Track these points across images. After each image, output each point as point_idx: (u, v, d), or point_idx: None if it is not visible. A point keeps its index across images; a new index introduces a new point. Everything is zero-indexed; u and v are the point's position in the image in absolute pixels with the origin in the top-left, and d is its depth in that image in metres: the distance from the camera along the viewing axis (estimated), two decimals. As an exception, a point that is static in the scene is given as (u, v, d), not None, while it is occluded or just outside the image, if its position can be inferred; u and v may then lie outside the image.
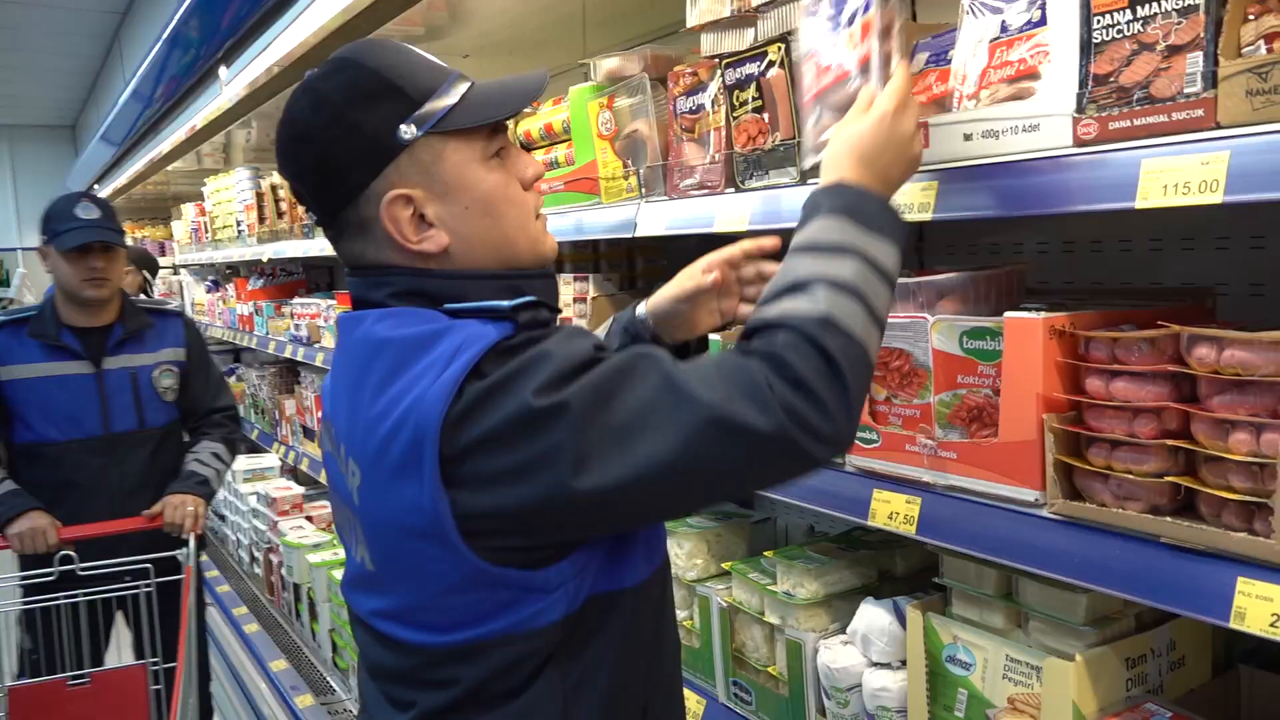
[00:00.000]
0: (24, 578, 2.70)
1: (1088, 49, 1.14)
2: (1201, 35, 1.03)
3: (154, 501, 2.92)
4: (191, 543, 2.79)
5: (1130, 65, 1.09)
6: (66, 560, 2.61)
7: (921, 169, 1.33)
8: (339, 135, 1.11)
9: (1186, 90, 1.04)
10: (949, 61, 1.35)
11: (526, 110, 2.30)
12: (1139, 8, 1.09)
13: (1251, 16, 1.02)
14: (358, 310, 1.19)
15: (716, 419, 0.96)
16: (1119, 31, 1.11)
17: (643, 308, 1.44)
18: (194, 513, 2.88)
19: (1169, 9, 1.07)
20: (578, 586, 1.10)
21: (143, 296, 4.70)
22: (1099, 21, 1.13)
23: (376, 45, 1.17)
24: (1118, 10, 1.11)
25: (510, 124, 1.55)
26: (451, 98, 1.14)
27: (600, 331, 1.49)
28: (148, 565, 2.73)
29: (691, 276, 1.39)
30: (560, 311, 1.08)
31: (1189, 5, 1.05)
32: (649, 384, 1.00)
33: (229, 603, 4.70)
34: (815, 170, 1.33)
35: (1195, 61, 1.04)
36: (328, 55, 1.19)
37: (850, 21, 1.27)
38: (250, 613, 4.52)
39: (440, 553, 1.05)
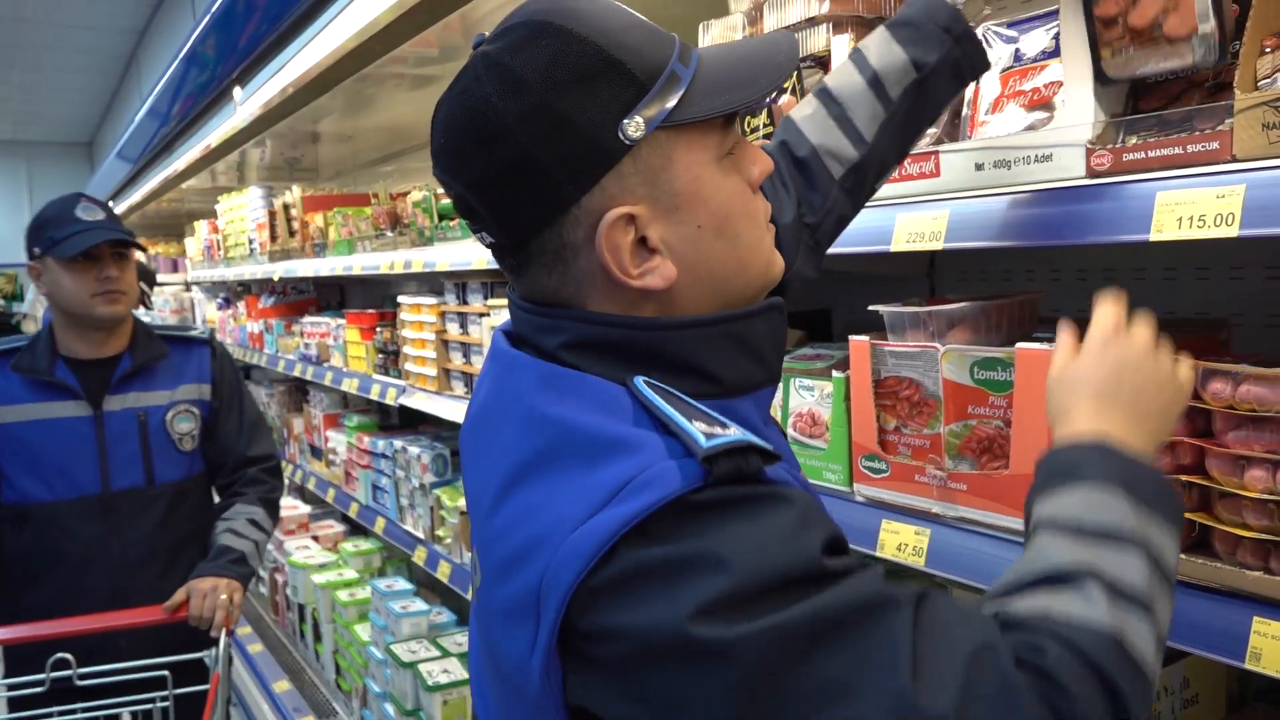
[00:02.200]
0: (8, 686, 2.07)
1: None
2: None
3: (165, 576, 2.33)
4: (222, 643, 2.16)
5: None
6: (61, 665, 2.00)
7: (933, 197, 1.32)
8: (542, 132, 0.81)
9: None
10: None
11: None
12: None
13: (1268, 49, 1.01)
14: (517, 346, 0.92)
15: None
16: None
17: None
18: (227, 602, 2.22)
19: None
20: None
21: (142, 311, 4.62)
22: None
23: (583, 1, 0.85)
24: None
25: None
26: (683, 79, 0.84)
27: (873, 44, 1.16)
28: (164, 673, 2.14)
29: None
30: (780, 456, 0.79)
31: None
32: (870, 660, 0.70)
33: (233, 621, 4.69)
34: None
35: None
36: (341, 77, 0.91)
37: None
38: (254, 632, 4.51)
39: None
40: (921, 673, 0.70)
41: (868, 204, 1.26)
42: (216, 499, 2.60)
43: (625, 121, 0.82)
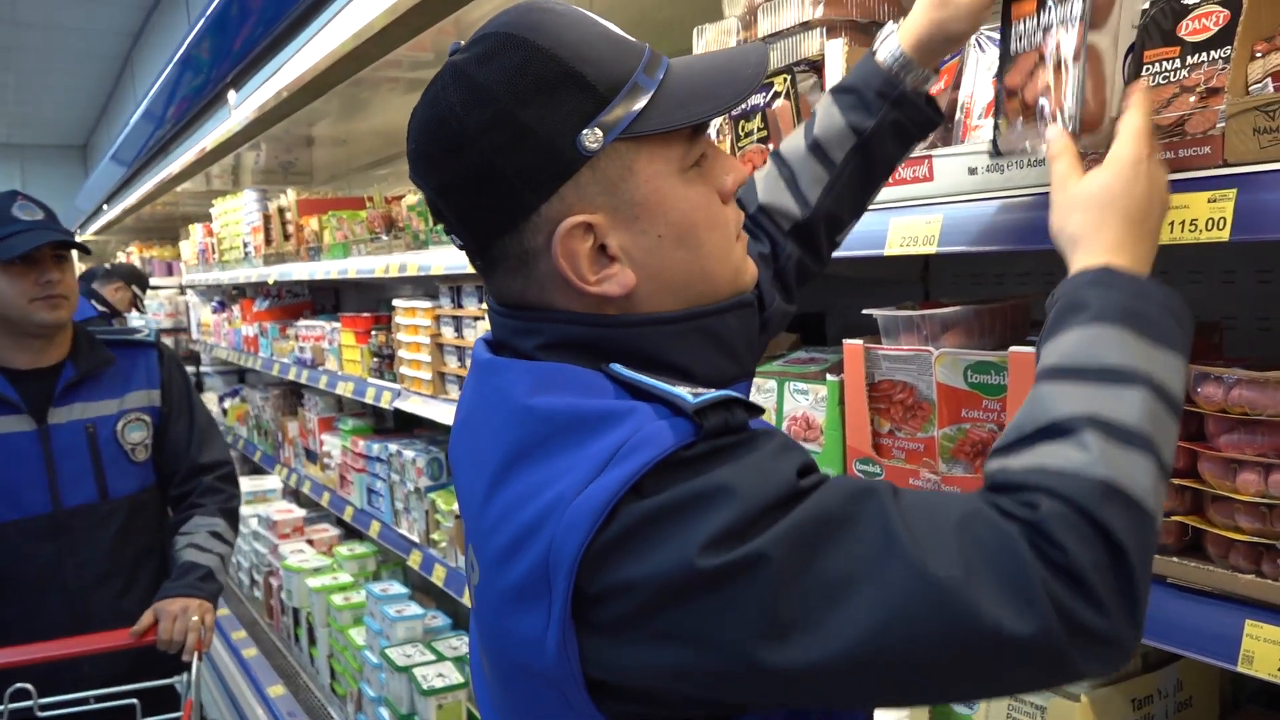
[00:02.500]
0: None
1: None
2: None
3: (125, 594, 2.25)
4: (194, 667, 2.07)
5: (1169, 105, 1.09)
6: (20, 695, 1.91)
7: (926, 201, 1.33)
8: (503, 142, 0.84)
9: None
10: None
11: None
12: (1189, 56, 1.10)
13: (1258, 54, 1.01)
14: (497, 352, 0.95)
15: (960, 614, 0.70)
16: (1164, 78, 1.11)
17: (894, 40, 1.14)
18: (199, 624, 2.12)
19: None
20: None
21: (135, 315, 4.55)
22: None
23: (550, 14, 0.87)
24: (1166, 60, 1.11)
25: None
26: (646, 90, 0.86)
27: (819, 109, 1.20)
28: (133, 701, 2.06)
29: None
30: (762, 410, 0.85)
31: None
32: (869, 544, 0.73)
33: (228, 627, 4.68)
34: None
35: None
36: (336, 81, 0.95)
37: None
38: (249, 637, 4.50)
39: (560, 706, 0.82)
40: (921, 544, 0.72)
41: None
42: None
43: (584, 133, 0.84)
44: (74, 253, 2.27)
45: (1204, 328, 1.44)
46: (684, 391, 0.80)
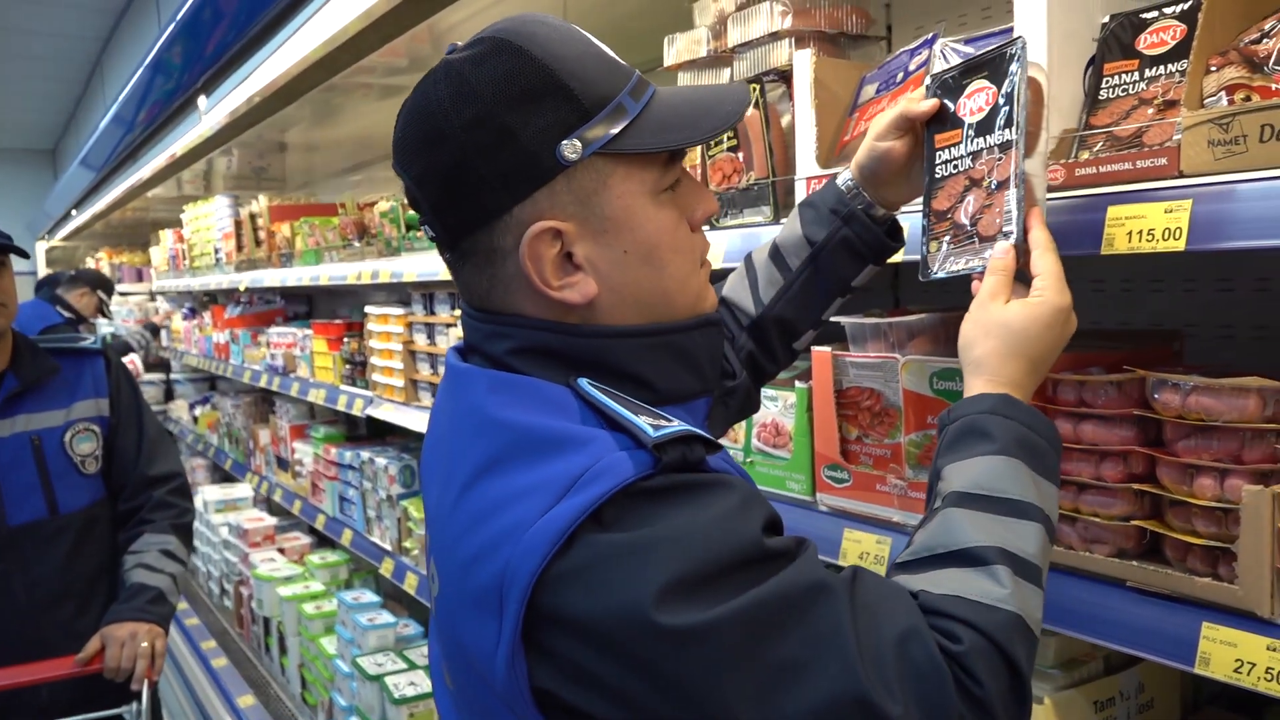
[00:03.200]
0: None
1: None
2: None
3: (81, 615, 2.13)
4: (144, 696, 1.98)
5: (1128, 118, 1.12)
6: None
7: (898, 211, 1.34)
8: (485, 141, 0.87)
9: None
10: (899, 83, 1.37)
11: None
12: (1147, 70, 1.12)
13: (1213, 68, 1.04)
14: (469, 359, 0.97)
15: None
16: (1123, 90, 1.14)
17: (849, 174, 1.19)
18: (148, 650, 2.01)
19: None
20: None
21: (102, 321, 4.47)
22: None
23: (546, 27, 0.91)
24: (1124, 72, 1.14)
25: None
26: (629, 112, 0.90)
27: (789, 218, 1.25)
28: None
29: (889, 114, 1.15)
30: (720, 446, 0.87)
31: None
32: (818, 640, 0.77)
33: (197, 636, 4.63)
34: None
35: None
36: (309, 87, 0.98)
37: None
38: (219, 647, 4.45)
39: (509, 718, 0.84)
40: (864, 652, 0.77)
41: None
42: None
43: (564, 143, 0.87)
44: (12, 257, 2.16)
45: (1165, 335, 1.46)
46: (645, 424, 0.82)
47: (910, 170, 1.17)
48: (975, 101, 1.06)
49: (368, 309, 3.19)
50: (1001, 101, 1.03)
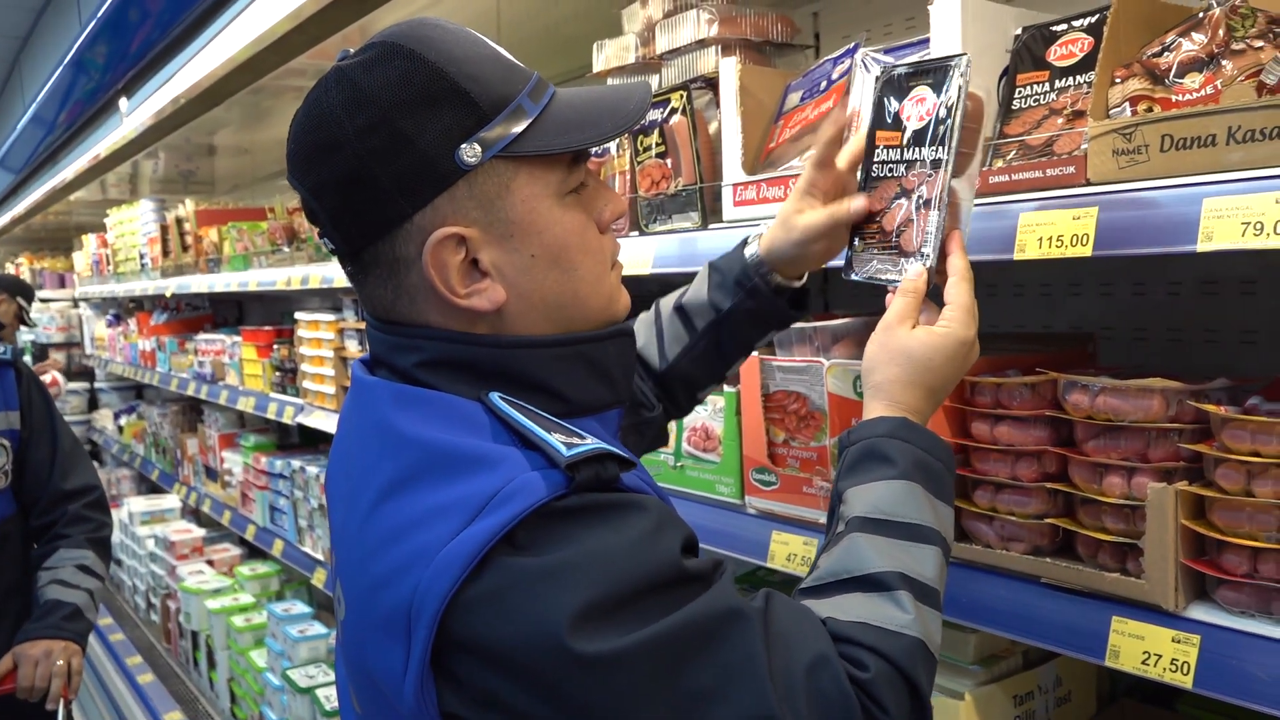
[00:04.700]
0: None
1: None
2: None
3: None
4: (60, 716, 1.94)
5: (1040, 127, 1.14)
6: None
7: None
8: (380, 148, 0.84)
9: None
10: (822, 91, 1.40)
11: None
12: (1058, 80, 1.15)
13: (1118, 80, 1.07)
14: (375, 372, 0.95)
15: None
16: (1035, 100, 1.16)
17: (755, 247, 1.18)
18: (64, 668, 1.96)
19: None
20: None
21: (23, 329, 4.37)
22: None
23: (440, 30, 0.89)
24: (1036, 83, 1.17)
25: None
26: (529, 113, 0.88)
27: (697, 276, 1.25)
28: None
29: (821, 214, 1.11)
30: (635, 463, 0.86)
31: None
32: (731, 667, 0.77)
33: (122, 652, 4.50)
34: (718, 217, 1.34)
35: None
36: (235, 88, 0.95)
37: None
38: (145, 662, 4.33)
39: None
40: (775, 679, 0.77)
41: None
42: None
43: (463, 146, 0.85)
44: None
45: (1079, 338, 1.51)
46: (558, 442, 0.81)
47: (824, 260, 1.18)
48: (917, 108, 1.06)
49: (298, 315, 3.14)
50: (942, 114, 1.03)
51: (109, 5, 3.82)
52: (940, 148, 1.03)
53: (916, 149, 1.05)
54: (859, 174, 1.12)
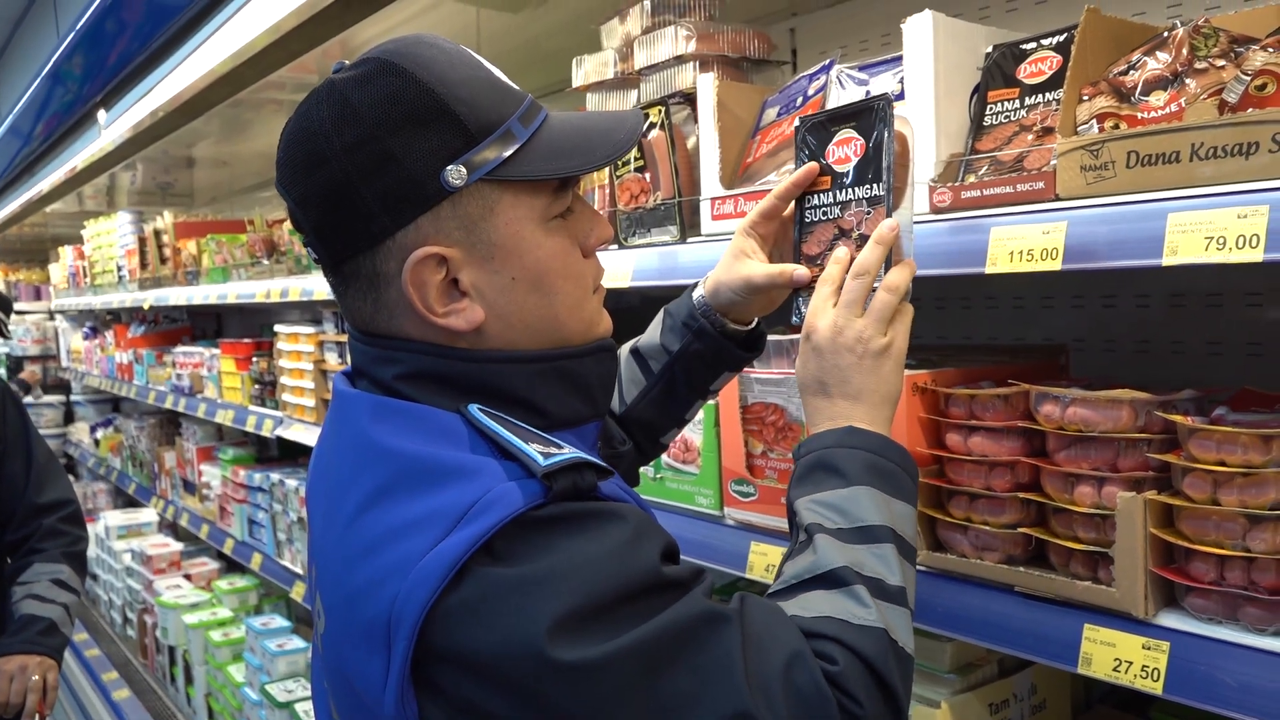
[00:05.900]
0: None
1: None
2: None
3: None
4: None
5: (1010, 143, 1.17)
6: None
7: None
8: (366, 165, 0.85)
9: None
10: (798, 106, 1.42)
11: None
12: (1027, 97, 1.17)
13: (1085, 97, 1.10)
14: (357, 383, 0.95)
15: None
16: (1006, 117, 1.18)
17: (702, 292, 1.19)
18: (39, 683, 1.95)
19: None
20: None
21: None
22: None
23: (434, 49, 0.89)
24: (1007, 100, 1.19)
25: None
26: (518, 138, 0.88)
27: (654, 321, 1.26)
28: None
29: (759, 271, 1.12)
30: (612, 472, 0.88)
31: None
32: (710, 670, 0.78)
33: (98, 668, 4.45)
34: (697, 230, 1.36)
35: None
36: (215, 101, 0.92)
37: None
38: (121, 678, 4.29)
39: None
40: (752, 679, 0.78)
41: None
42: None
43: (449, 168, 0.85)
44: None
45: (1052, 350, 1.53)
46: (536, 451, 0.81)
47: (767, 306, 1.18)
48: (843, 150, 1.07)
49: (277, 328, 3.13)
50: (871, 153, 1.04)
51: (87, 17, 3.81)
52: (875, 185, 1.04)
53: (850, 190, 1.06)
54: (795, 227, 1.12)
